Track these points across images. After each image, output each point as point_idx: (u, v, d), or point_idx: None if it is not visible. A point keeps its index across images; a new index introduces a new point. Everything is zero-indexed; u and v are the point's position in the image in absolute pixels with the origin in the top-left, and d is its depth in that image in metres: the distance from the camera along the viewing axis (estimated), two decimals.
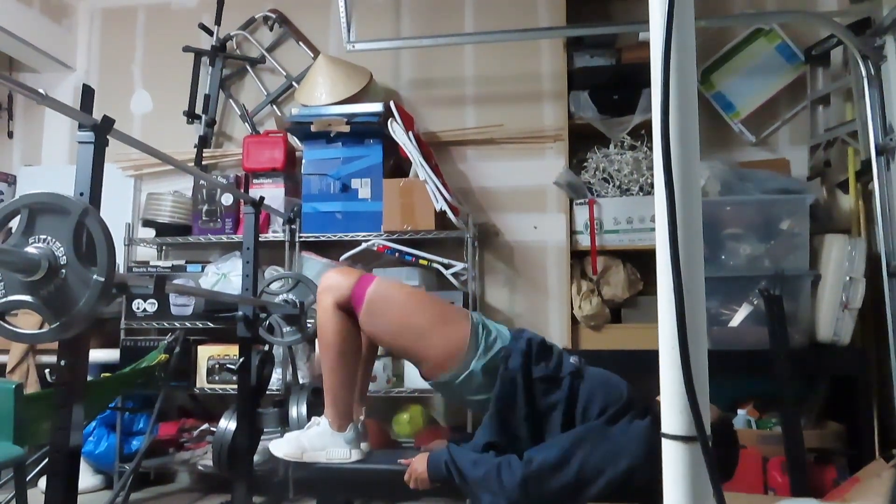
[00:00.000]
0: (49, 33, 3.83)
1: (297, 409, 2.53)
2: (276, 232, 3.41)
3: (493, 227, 3.52)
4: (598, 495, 1.65)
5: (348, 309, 1.93)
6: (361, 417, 2.21)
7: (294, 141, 3.57)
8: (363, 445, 2.07)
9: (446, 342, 1.86)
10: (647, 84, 0.90)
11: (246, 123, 3.77)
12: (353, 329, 1.95)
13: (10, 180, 3.94)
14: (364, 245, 3.23)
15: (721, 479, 0.82)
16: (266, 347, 2.81)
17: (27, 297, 1.30)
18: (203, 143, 3.72)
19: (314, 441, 2.01)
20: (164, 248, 3.72)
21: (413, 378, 3.09)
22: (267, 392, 2.82)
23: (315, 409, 2.56)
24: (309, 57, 3.70)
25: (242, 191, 3.36)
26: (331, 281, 1.96)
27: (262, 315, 2.65)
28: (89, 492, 3.25)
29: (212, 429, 3.03)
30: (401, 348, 1.95)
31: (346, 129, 3.21)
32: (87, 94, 1.59)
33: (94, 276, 1.28)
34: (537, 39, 3.60)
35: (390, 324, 1.91)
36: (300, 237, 3.33)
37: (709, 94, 3.34)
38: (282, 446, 2.03)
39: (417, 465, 1.81)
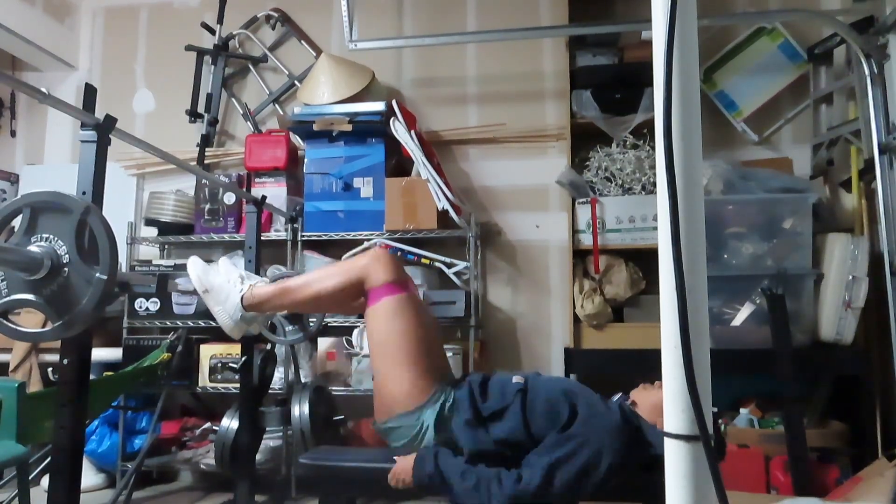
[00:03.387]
0: (52, 32, 3.83)
1: (299, 408, 2.53)
2: (278, 231, 3.41)
3: (496, 226, 3.51)
4: (588, 498, 1.66)
5: (362, 290, 1.95)
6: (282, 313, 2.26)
7: (296, 140, 3.57)
8: (254, 327, 2.11)
9: (413, 387, 1.85)
10: (650, 83, 0.90)
11: (248, 122, 3.78)
12: (345, 299, 1.99)
13: (13, 179, 3.95)
14: (366, 244, 3.23)
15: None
16: (268, 346, 2.82)
17: (30, 296, 1.30)
18: (205, 142, 3.72)
19: (220, 293, 2.01)
20: (166, 246, 3.73)
21: None
22: (269, 391, 2.82)
23: (317, 407, 2.57)
24: (311, 56, 3.71)
25: (245, 190, 3.37)
26: (373, 262, 1.95)
27: None
28: (92, 490, 3.26)
29: (214, 427, 3.03)
30: (378, 359, 1.93)
31: (349, 128, 3.22)
32: (90, 92, 1.60)
33: (97, 275, 1.28)
34: (540, 38, 3.60)
35: (386, 334, 1.90)
36: (302, 236, 3.33)
37: (711, 93, 3.34)
38: (197, 269, 2.04)
39: (403, 465, 1.79)
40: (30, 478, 2.15)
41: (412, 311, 1.92)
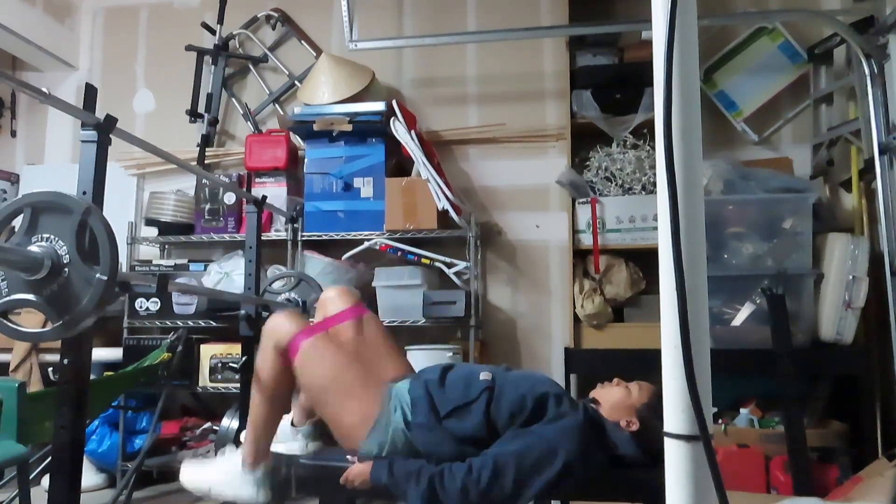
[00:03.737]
0: (52, 32, 3.83)
1: None
2: (278, 231, 3.41)
3: (496, 225, 3.51)
4: (537, 495, 1.64)
5: (285, 355, 1.92)
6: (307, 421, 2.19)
7: (296, 140, 3.57)
8: (310, 445, 2.07)
9: (365, 408, 1.83)
10: (650, 83, 0.90)
11: (248, 122, 3.78)
12: (288, 376, 1.94)
13: (14, 179, 3.95)
14: (366, 244, 3.23)
15: None
16: None
17: (30, 296, 1.30)
18: (206, 141, 3.72)
19: (222, 477, 2.00)
20: (166, 246, 3.73)
21: None
22: None
23: None
24: (311, 56, 3.71)
25: (245, 190, 3.36)
26: (275, 325, 1.94)
27: (265, 314, 2.65)
28: (92, 490, 3.26)
29: (214, 427, 3.03)
30: (325, 404, 1.91)
31: (349, 128, 3.22)
32: (90, 92, 1.60)
33: (97, 275, 1.28)
34: (540, 38, 3.60)
35: (321, 377, 1.88)
36: (302, 236, 3.33)
37: (711, 93, 3.34)
38: (190, 476, 2.03)
39: (358, 470, 1.76)
40: (30, 478, 2.15)
41: (331, 346, 1.91)
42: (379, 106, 3.20)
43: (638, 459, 1.72)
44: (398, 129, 3.17)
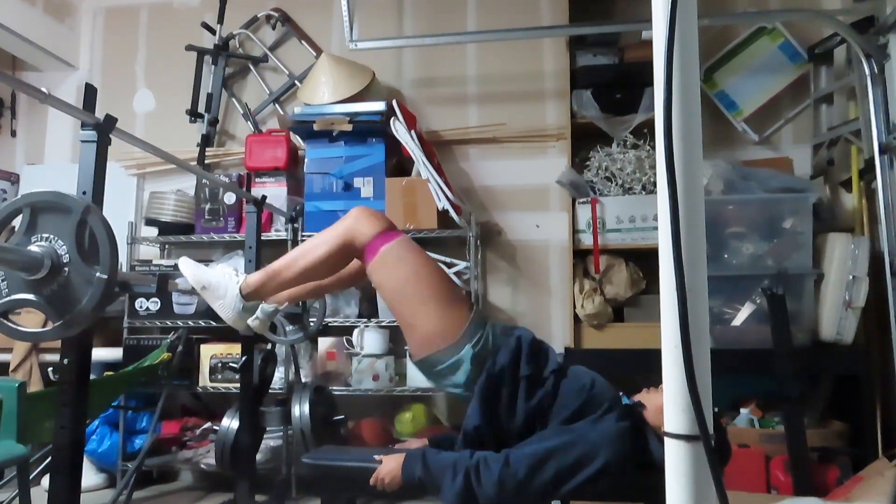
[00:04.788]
0: (52, 32, 3.83)
1: (299, 408, 2.53)
2: (278, 231, 3.41)
3: (496, 225, 3.51)
4: (571, 493, 1.64)
5: (354, 251, 1.91)
6: (285, 305, 2.28)
7: (296, 140, 3.57)
8: (260, 316, 2.11)
9: (445, 319, 1.82)
10: (650, 83, 0.90)
11: (248, 122, 3.78)
12: (337, 264, 1.95)
13: (13, 179, 3.94)
14: None
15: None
16: (268, 346, 2.82)
17: (30, 296, 1.30)
18: (206, 141, 3.72)
19: (218, 288, 1.99)
20: (166, 246, 3.73)
21: (415, 377, 3.09)
22: (269, 391, 2.82)
23: (317, 407, 2.57)
24: (311, 56, 3.71)
25: (245, 190, 3.36)
26: (356, 220, 1.91)
27: None
28: (92, 490, 3.26)
29: (214, 427, 3.03)
30: (400, 306, 1.90)
31: (349, 127, 3.22)
32: (90, 92, 1.60)
33: (97, 275, 1.28)
34: (540, 38, 3.60)
35: (398, 280, 1.87)
36: (303, 236, 3.33)
37: (712, 93, 3.34)
38: (190, 267, 2.01)
39: (389, 467, 1.74)
40: (30, 477, 2.15)
41: (415, 250, 1.89)
42: (379, 106, 3.20)
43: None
44: (398, 128, 3.17)
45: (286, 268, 1.98)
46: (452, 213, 3.07)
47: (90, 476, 3.28)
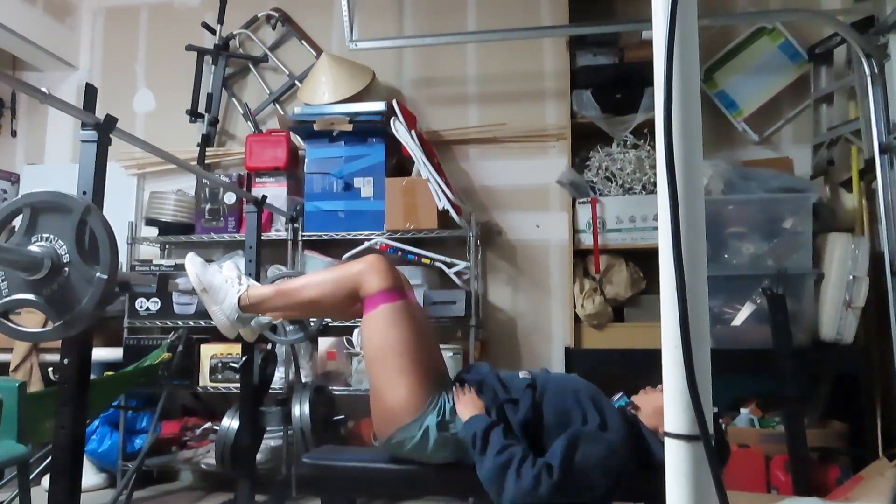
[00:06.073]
0: (52, 32, 3.83)
1: (299, 408, 2.53)
2: (278, 231, 3.41)
3: (496, 225, 3.51)
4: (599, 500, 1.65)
5: (357, 297, 1.93)
6: (279, 320, 2.32)
7: (297, 140, 3.57)
8: (253, 326, 2.13)
9: (414, 396, 1.83)
10: (650, 83, 0.90)
11: (249, 122, 3.78)
12: (342, 303, 1.97)
13: (14, 179, 3.95)
14: (367, 244, 3.22)
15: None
16: (269, 346, 2.82)
17: (30, 296, 1.30)
18: (206, 141, 3.72)
19: (218, 292, 2.01)
20: (167, 246, 3.73)
21: None
22: (269, 391, 2.82)
23: (317, 407, 2.57)
24: (312, 56, 3.71)
25: (245, 190, 3.37)
26: (368, 269, 1.92)
27: None
28: (92, 490, 3.26)
29: (215, 427, 3.03)
30: (377, 369, 1.90)
31: (349, 127, 3.22)
32: (90, 92, 1.60)
33: (97, 275, 1.28)
34: (540, 38, 3.60)
35: (385, 342, 1.87)
36: (303, 236, 3.33)
37: (712, 93, 3.34)
38: (196, 266, 2.02)
39: (469, 406, 1.79)
40: (30, 477, 2.15)
41: (408, 319, 1.89)
42: (379, 106, 3.20)
43: None
44: (398, 128, 3.17)
45: (294, 292, 2.00)
46: (452, 213, 3.07)
47: (90, 476, 3.28)
